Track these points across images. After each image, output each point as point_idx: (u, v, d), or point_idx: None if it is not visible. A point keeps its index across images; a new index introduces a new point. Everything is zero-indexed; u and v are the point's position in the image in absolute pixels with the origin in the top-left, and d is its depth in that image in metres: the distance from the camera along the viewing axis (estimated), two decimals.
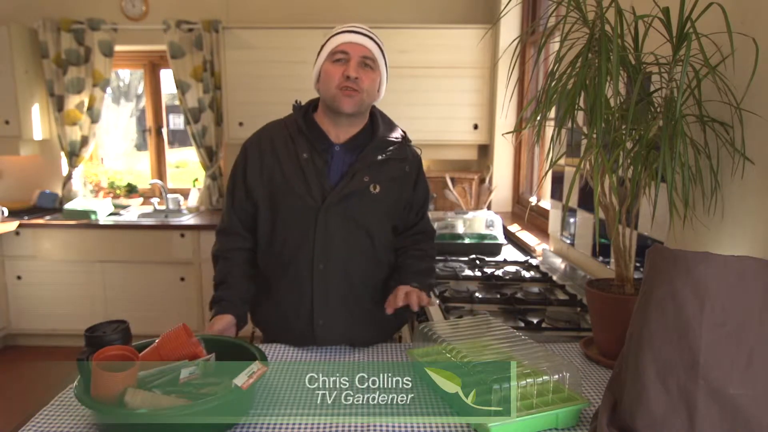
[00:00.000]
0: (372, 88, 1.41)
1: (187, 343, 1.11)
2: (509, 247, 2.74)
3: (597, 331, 1.33)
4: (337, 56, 1.37)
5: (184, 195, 4.09)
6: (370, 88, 1.39)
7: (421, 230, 1.57)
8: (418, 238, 1.56)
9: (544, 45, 1.23)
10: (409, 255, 1.52)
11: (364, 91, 1.38)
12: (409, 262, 1.50)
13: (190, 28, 3.73)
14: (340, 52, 1.37)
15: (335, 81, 1.36)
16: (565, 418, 1.00)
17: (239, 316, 1.42)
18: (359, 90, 1.37)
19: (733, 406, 0.81)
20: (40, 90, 3.86)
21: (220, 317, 1.38)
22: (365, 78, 1.37)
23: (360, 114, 1.43)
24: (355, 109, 1.38)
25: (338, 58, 1.37)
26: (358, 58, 1.37)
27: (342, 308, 1.42)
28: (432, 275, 1.54)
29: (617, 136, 1.13)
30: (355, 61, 1.36)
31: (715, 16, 1.05)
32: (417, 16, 3.79)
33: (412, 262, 1.50)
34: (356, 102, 1.38)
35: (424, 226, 1.58)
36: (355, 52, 1.36)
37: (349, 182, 1.40)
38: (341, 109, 1.38)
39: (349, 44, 1.37)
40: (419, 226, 1.57)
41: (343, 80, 1.36)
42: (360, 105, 1.39)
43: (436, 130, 3.57)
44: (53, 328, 3.65)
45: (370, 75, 1.39)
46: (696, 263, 0.84)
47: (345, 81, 1.35)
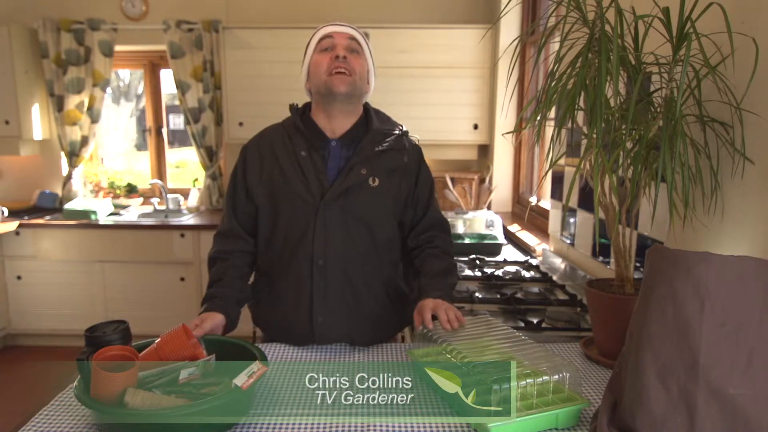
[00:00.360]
0: (362, 72, 1.42)
1: (187, 344, 1.11)
2: (509, 247, 2.74)
3: (597, 331, 1.33)
4: (323, 44, 1.41)
5: (184, 195, 4.09)
6: (360, 72, 1.41)
7: (431, 224, 1.51)
8: (431, 235, 1.50)
9: (544, 45, 1.23)
10: (425, 255, 1.47)
11: (356, 74, 1.39)
12: (427, 265, 1.44)
13: (190, 28, 3.73)
14: (326, 38, 1.41)
15: (324, 67, 1.38)
16: (565, 419, 1.00)
17: (230, 317, 1.36)
18: (350, 71, 1.38)
19: (733, 406, 0.81)
20: (40, 90, 3.86)
21: (210, 314, 1.32)
22: (354, 61, 1.40)
23: (354, 98, 1.42)
24: (348, 89, 1.38)
25: (324, 46, 1.41)
26: (343, 44, 1.40)
27: (341, 305, 1.41)
28: (453, 274, 1.47)
29: (617, 136, 1.13)
30: (341, 46, 1.40)
31: (715, 16, 1.05)
32: (417, 16, 3.79)
33: (429, 264, 1.44)
34: (349, 82, 1.38)
35: (433, 218, 1.52)
36: (340, 39, 1.40)
37: (347, 177, 1.39)
38: (335, 90, 1.37)
39: (333, 32, 1.41)
40: (428, 220, 1.51)
41: (332, 63, 1.38)
42: (353, 86, 1.39)
43: (436, 130, 3.57)
44: (53, 328, 3.65)
45: (358, 59, 1.41)
46: (696, 263, 0.84)
47: (335, 62, 1.37)
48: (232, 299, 1.39)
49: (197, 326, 1.25)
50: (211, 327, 1.29)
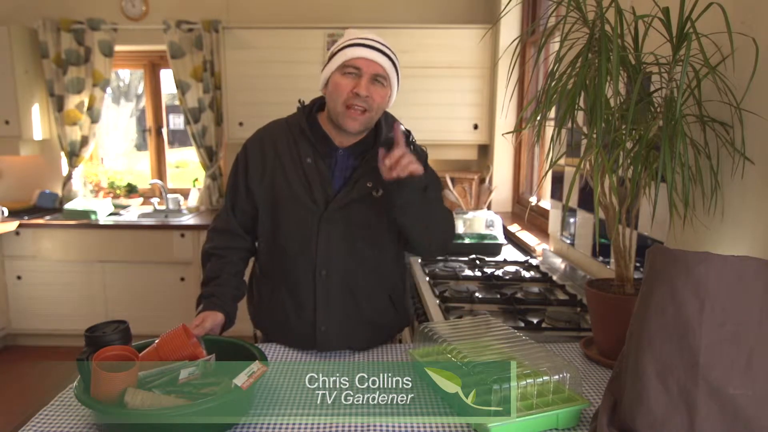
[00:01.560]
0: (382, 104, 1.36)
1: (187, 344, 1.11)
2: (509, 247, 2.74)
3: (597, 331, 1.33)
4: (348, 69, 1.31)
5: (184, 195, 4.09)
6: (380, 105, 1.35)
7: None
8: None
9: (544, 45, 1.23)
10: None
11: (374, 110, 1.34)
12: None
13: (190, 28, 3.73)
14: (352, 67, 1.30)
15: (343, 96, 1.31)
16: (565, 419, 1.00)
17: (229, 316, 1.37)
18: (368, 109, 1.32)
19: (733, 406, 0.81)
20: (40, 90, 3.86)
21: (211, 313, 1.33)
22: (376, 95, 1.32)
23: (366, 129, 1.39)
24: (359, 129, 1.35)
25: (349, 71, 1.31)
26: (370, 75, 1.30)
27: (345, 316, 1.40)
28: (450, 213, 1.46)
29: (617, 136, 1.13)
30: (366, 78, 1.30)
31: (715, 16, 1.05)
32: (417, 16, 3.79)
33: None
34: (362, 122, 1.33)
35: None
36: (367, 69, 1.30)
37: (352, 188, 1.37)
38: (345, 129, 1.34)
39: (362, 60, 1.30)
40: None
41: (351, 96, 1.30)
42: (366, 124, 1.35)
43: (436, 130, 3.57)
44: (53, 328, 3.65)
45: (380, 92, 1.33)
46: (696, 263, 0.84)
47: (354, 98, 1.30)
48: (229, 297, 1.40)
49: (197, 326, 1.26)
50: (211, 326, 1.30)
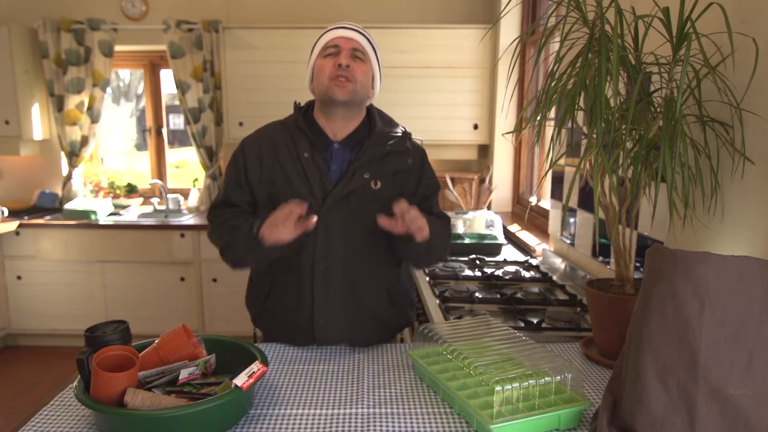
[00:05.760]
0: (365, 80, 1.41)
1: (187, 343, 1.11)
2: (509, 247, 2.74)
3: (597, 331, 1.33)
4: (328, 51, 1.40)
5: (184, 195, 4.09)
6: (363, 80, 1.41)
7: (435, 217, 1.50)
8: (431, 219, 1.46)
9: (544, 45, 1.23)
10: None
11: (357, 82, 1.39)
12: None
13: (190, 28, 3.73)
14: (331, 47, 1.40)
15: (327, 72, 1.38)
16: (567, 419, 1.00)
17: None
18: (351, 79, 1.38)
19: (733, 406, 0.81)
20: (40, 90, 3.86)
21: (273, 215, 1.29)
22: (357, 69, 1.39)
23: (354, 105, 1.43)
24: (347, 97, 1.38)
25: (329, 52, 1.40)
26: (348, 49, 1.39)
27: (343, 309, 1.41)
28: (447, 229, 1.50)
29: (617, 136, 1.13)
30: (345, 52, 1.39)
31: (715, 16, 1.05)
32: (417, 16, 3.80)
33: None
34: (348, 92, 1.38)
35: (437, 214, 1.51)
36: (345, 45, 1.40)
37: (350, 181, 1.39)
38: (334, 97, 1.38)
39: (339, 38, 1.40)
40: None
41: (334, 70, 1.37)
42: (353, 94, 1.39)
43: (436, 130, 3.57)
44: (53, 328, 3.65)
45: (362, 67, 1.41)
46: (696, 263, 0.84)
47: (337, 70, 1.37)
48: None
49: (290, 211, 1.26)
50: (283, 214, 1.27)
